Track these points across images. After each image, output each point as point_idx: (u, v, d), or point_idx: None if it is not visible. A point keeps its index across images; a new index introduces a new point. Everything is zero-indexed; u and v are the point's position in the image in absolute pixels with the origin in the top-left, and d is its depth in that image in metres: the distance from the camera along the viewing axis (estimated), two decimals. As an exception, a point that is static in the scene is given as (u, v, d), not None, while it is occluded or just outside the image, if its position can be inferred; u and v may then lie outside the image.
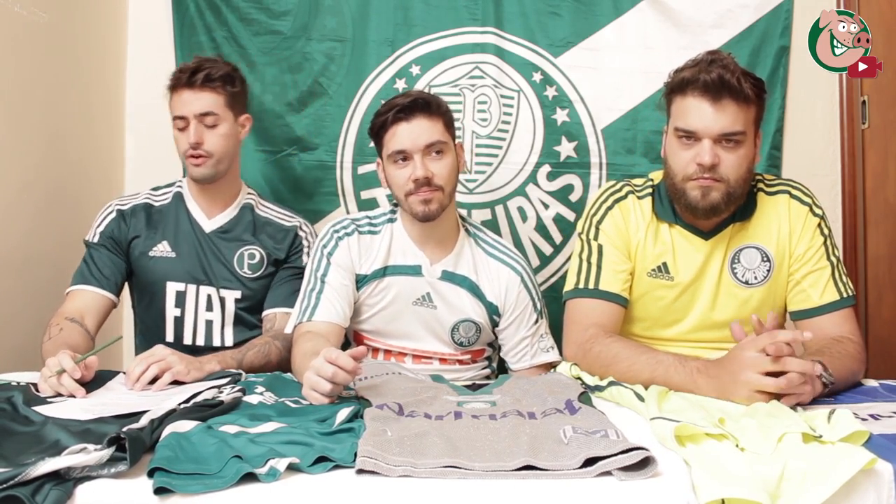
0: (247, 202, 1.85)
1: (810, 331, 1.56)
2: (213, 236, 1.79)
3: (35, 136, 1.92)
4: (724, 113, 1.48)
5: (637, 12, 2.28)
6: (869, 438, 1.07)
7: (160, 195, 1.85)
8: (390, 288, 1.71)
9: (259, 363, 1.61)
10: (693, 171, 1.51)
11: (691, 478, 0.98)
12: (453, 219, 1.74)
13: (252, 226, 1.83)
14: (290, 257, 1.83)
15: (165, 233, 1.79)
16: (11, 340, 1.76)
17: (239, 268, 1.78)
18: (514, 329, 1.76)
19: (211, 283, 1.78)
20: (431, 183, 1.62)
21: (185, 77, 1.72)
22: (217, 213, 1.82)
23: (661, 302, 1.62)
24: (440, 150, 1.63)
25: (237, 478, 0.96)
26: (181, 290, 1.78)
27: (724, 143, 1.49)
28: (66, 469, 0.96)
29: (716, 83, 1.47)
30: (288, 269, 1.82)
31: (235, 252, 1.79)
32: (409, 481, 0.97)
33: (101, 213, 1.80)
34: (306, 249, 1.83)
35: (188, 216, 1.81)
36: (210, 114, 1.73)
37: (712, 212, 1.53)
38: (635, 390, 1.34)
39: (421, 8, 2.28)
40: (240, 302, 1.79)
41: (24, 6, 1.84)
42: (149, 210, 1.81)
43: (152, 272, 1.78)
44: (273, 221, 1.85)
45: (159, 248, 1.78)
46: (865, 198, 2.22)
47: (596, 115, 2.28)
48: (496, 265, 1.74)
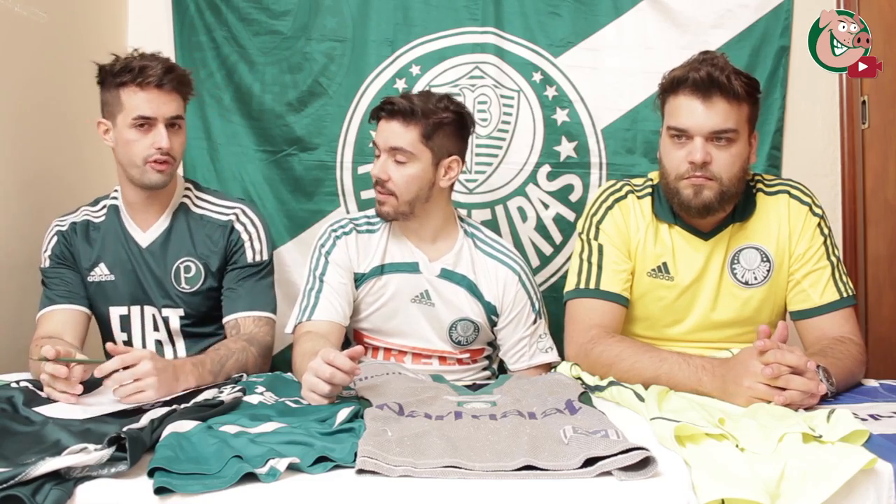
0: (182, 202, 1.73)
1: (811, 331, 1.58)
2: (148, 253, 1.69)
3: (35, 135, 1.92)
4: (714, 111, 1.48)
5: (637, 12, 2.28)
6: (869, 438, 1.07)
7: (98, 211, 1.74)
8: (388, 285, 1.72)
9: (235, 374, 1.53)
10: (685, 170, 1.52)
11: (691, 478, 0.99)
12: (441, 217, 1.73)
13: (187, 230, 1.70)
14: (231, 257, 1.70)
15: (103, 254, 1.70)
16: (11, 341, 1.76)
17: (176, 283, 1.68)
18: (512, 329, 1.75)
19: (152, 302, 1.70)
20: (385, 186, 1.64)
21: (155, 79, 1.58)
22: (152, 223, 1.70)
23: (662, 302, 1.62)
24: (402, 159, 1.63)
25: (237, 478, 0.96)
26: (124, 313, 1.71)
27: (715, 142, 1.50)
28: (66, 469, 0.96)
29: (705, 81, 1.48)
30: (234, 271, 1.70)
31: (171, 267, 1.69)
32: (410, 481, 0.97)
33: (46, 237, 1.72)
34: (248, 243, 1.71)
35: (123, 232, 1.70)
36: (178, 118, 1.64)
37: (705, 210, 1.53)
38: (635, 390, 1.34)
39: (421, 8, 2.28)
40: (184, 319, 1.71)
41: (24, 6, 1.84)
42: (86, 228, 1.72)
43: (94, 297, 1.70)
44: (208, 217, 1.72)
45: (97, 273, 1.69)
46: (865, 198, 2.22)
47: (596, 115, 2.28)
48: (494, 265, 1.74)
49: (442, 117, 1.64)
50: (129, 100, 1.59)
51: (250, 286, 1.70)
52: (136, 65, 1.59)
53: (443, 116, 1.65)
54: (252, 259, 1.71)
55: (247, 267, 1.71)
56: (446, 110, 1.66)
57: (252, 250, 1.71)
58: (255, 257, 1.71)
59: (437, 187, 1.68)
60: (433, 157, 1.65)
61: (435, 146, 1.65)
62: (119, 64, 1.60)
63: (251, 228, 1.72)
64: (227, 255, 1.71)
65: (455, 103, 1.69)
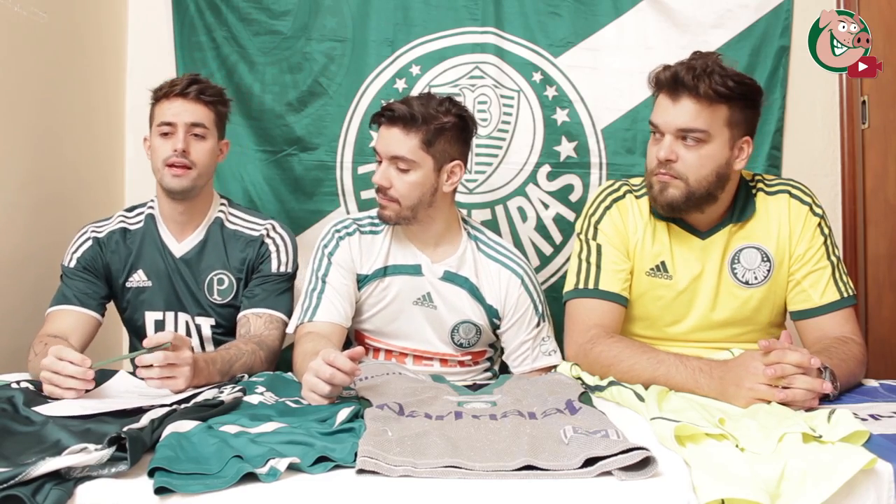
0: (217, 216, 1.78)
1: (811, 331, 1.57)
2: (182, 263, 1.74)
3: (34, 135, 1.92)
4: (681, 109, 1.49)
5: (637, 12, 2.28)
6: (869, 438, 1.07)
7: (134, 217, 1.79)
8: (391, 287, 1.71)
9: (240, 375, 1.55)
10: (655, 166, 1.54)
11: (691, 478, 0.99)
12: (444, 221, 1.71)
13: (222, 243, 1.76)
14: (258, 267, 1.75)
15: (140, 261, 1.74)
16: (11, 341, 1.76)
17: (209, 294, 1.73)
18: (515, 332, 1.74)
19: (186, 310, 1.75)
20: (387, 193, 1.63)
21: (180, 88, 1.68)
22: (188, 235, 1.75)
23: (661, 301, 1.62)
24: (404, 167, 1.62)
25: (237, 478, 0.96)
26: (159, 318, 1.75)
27: (685, 141, 1.51)
28: (66, 469, 0.96)
29: (669, 81, 1.50)
30: (258, 278, 1.75)
31: (205, 279, 1.74)
32: (410, 481, 0.97)
33: (78, 239, 1.75)
34: (274, 254, 1.76)
35: (160, 241, 1.75)
36: (200, 125, 1.70)
37: (669, 208, 1.54)
38: (635, 390, 1.34)
39: (421, 8, 2.28)
40: (215, 328, 1.76)
41: (24, 6, 1.84)
42: (124, 235, 1.75)
43: (130, 302, 1.75)
44: (241, 233, 1.77)
45: (135, 279, 1.74)
46: (865, 198, 2.22)
47: (596, 115, 2.28)
48: (496, 267, 1.73)
49: (443, 122, 1.62)
50: (158, 111, 1.71)
51: (270, 289, 1.74)
52: (170, 81, 1.72)
53: (444, 121, 1.62)
54: (276, 269, 1.75)
55: (270, 275, 1.75)
56: (448, 114, 1.63)
57: (278, 261, 1.76)
58: (279, 268, 1.75)
59: (440, 192, 1.66)
60: (435, 164, 1.63)
61: (437, 152, 1.63)
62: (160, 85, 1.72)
63: (279, 242, 1.78)
64: (255, 266, 1.76)
65: (457, 106, 1.67)
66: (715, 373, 1.34)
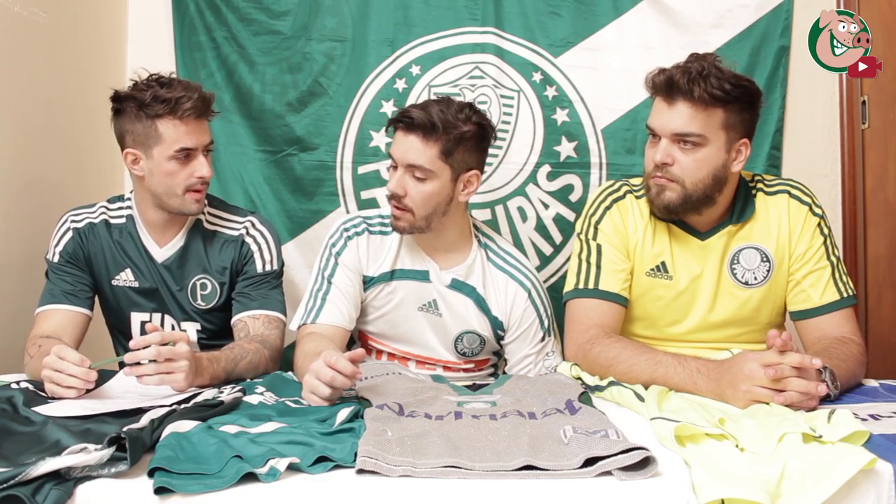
0: (197, 218, 1.73)
1: (811, 331, 1.58)
2: (164, 269, 1.70)
3: (35, 135, 1.92)
4: (676, 113, 1.49)
5: (637, 12, 2.28)
6: (869, 438, 1.07)
7: (115, 211, 1.73)
8: (397, 292, 1.69)
9: (248, 375, 1.54)
10: (651, 169, 1.55)
11: (691, 478, 0.99)
12: (457, 229, 1.69)
13: (202, 247, 1.71)
14: (242, 268, 1.72)
15: (127, 259, 1.70)
16: (11, 341, 1.76)
17: (192, 300, 1.70)
18: (518, 345, 1.72)
19: (171, 314, 1.72)
20: (401, 201, 1.59)
21: (194, 108, 1.57)
22: (169, 240, 1.70)
23: (661, 301, 1.62)
24: (420, 176, 1.57)
25: (237, 478, 0.96)
26: (146, 319, 1.72)
27: (681, 145, 1.51)
28: (66, 469, 0.96)
29: (664, 84, 1.50)
30: (245, 279, 1.71)
31: (188, 284, 1.70)
32: (410, 481, 0.97)
33: (58, 231, 1.70)
34: (257, 254, 1.72)
35: (141, 244, 1.70)
36: (212, 143, 1.66)
37: (666, 211, 1.55)
38: (635, 390, 1.35)
39: (421, 8, 2.28)
40: (201, 333, 1.73)
41: (24, 6, 1.84)
42: (108, 228, 1.71)
43: (116, 301, 1.72)
44: (220, 234, 1.73)
45: (122, 277, 1.70)
46: (865, 198, 2.22)
47: (596, 115, 2.28)
48: (504, 279, 1.70)
49: (463, 131, 1.57)
50: (169, 132, 1.58)
51: (261, 289, 1.71)
52: (170, 96, 1.56)
53: (464, 130, 1.57)
54: (262, 269, 1.73)
55: (256, 276, 1.72)
56: (468, 122, 1.58)
57: (262, 261, 1.73)
58: (265, 267, 1.73)
59: (456, 202, 1.63)
60: (452, 173, 1.59)
61: (455, 162, 1.58)
62: (149, 94, 1.57)
63: (260, 240, 1.74)
64: (239, 268, 1.72)
65: (477, 114, 1.61)
66: (712, 374, 1.34)
